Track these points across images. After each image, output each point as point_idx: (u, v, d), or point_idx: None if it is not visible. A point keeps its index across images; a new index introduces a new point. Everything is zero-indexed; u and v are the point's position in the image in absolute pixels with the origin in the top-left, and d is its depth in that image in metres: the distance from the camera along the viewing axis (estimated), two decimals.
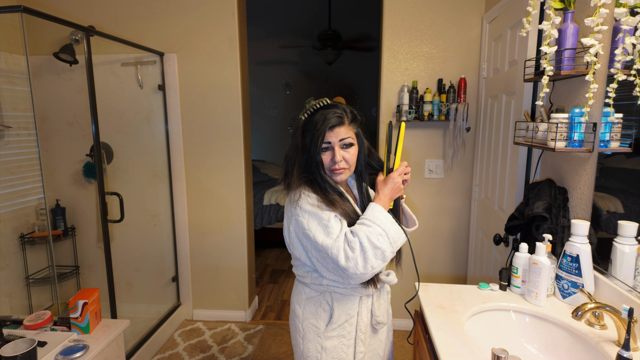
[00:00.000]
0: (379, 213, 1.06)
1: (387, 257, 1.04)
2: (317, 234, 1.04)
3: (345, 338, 1.16)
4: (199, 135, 2.67)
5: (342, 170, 1.11)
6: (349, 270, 1.02)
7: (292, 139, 1.13)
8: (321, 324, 1.16)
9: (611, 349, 0.96)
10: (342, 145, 1.09)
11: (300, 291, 1.21)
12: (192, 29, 2.56)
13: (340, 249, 1.02)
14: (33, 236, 2.52)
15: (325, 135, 1.07)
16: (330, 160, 1.10)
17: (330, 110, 1.09)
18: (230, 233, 2.76)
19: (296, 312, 1.21)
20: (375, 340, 1.25)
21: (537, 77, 1.35)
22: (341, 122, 1.08)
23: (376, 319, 1.22)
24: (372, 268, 1.03)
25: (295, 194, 1.09)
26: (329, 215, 1.06)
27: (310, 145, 1.08)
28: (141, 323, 2.50)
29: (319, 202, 1.08)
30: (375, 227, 1.04)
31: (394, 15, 2.41)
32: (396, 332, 2.66)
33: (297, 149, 1.11)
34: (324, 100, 1.11)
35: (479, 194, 2.35)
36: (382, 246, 1.02)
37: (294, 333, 1.22)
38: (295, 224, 1.09)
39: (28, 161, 2.50)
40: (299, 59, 5.97)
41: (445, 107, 2.35)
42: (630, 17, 1.00)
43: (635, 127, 1.09)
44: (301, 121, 1.12)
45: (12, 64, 2.43)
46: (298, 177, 1.10)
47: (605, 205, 1.20)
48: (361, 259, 1.01)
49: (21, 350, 1.23)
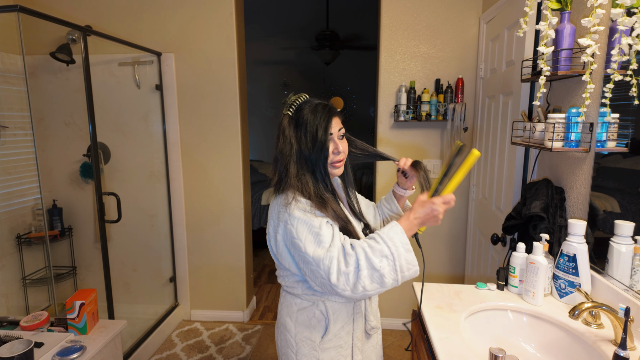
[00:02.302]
0: (396, 234, 0.93)
1: (386, 283, 0.91)
2: (307, 243, 0.94)
3: (342, 348, 1.10)
4: (197, 136, 2.66)
5: (342, 162, 1.06)
6: (339, 287, 0.91)
7: (280, 139, 1.04)
8: (316, 336, 1.07)
9: (608, 348, 0.97)
10: (339, 136, 1.05)
11: (290, 302, 1.11)
12: (190, 28, 2.55)
13: (334, 260, 0.91)
14: (30, 236, 2.51)
15: (331, 125, 1.01)
16: (332, 153, 1.03)
17: (319, 102, 1.04)
18: (228, 233, 2.75)
19: (287, 325, 1.11)
20: (369, 346, 1.20)
21: (534, 77, 1.36)
22: (336, 112, 1.05)
23: (370, 324, 1.16)
24: (364, 290, 0.91)
25: (287, 197, 1.00)
26: (320, 221, 0.96)
27: (315, 139, 0.99)
28: (139, 323, 2.50)
29: (309, 207, 0.98)
30: (382, 246, 0.92)
31: (391, 16, 2.41)
32: (394, 332, 2.67)
33: (290, 147, 1.01)
34: (304, 95, 1.06)
35: (477, 193, 2.35)
36: (383, 270, 0.90)
37: (285, 348, 1.12)
38: (284, 232, 0.99)
39: (25, 161, 2.48)
40: (297, 59, 5.97)
41: (443, 107, 2.36)
42: (626, 18, 1.00)
43: (631, 127, 1.09)
44: (287, 117, 1.03)
45: (9, 64, 2.42)
46: (295, 176, 1.01)
47: (602, 205, 1.21)
48: (353, 276, 0.90)
49: (18, 351, 1.22)
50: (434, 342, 1.02)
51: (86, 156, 2.62)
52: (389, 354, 2.42)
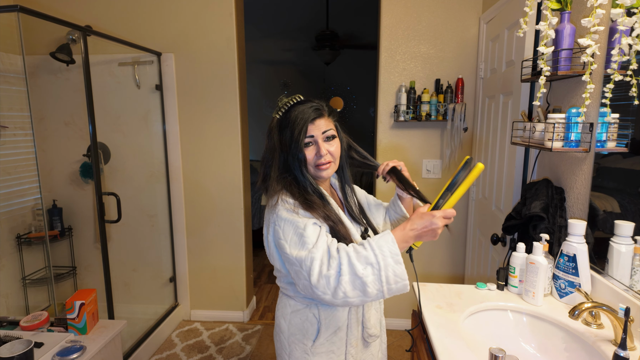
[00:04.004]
0: (386, 242, 0.88)
1: (369, 293, 0.86)
2: (291, 244, 0.92)
3: (334, 354, 1.07)
4: (197, 136, 2.66)
5: (328, 164, 1.03)
6: (319, 289, 0.87)
7: (267, 140, 1.04)
8: (308, 339, 1.05)
9: (608, 348, 0.97)
10: (324, 138, 1.02)
11: (285, 304, 1.10)
12: (190, 28, 2.55)
13: (315, 261, 0.88)
14: (30, 237, 2.51)
15: (307, 128, 1.00)
16: (315, 156, 1.02)
17: (306, 104, 1.02)
18: (228, 233, 2.75)
19: (281, 327, 1.10)
20: (367, 354, 1.15)
21: (534, 78, 1.36)
22: (321, 114, 1.02)
23: (367, 332, 1.12)
24: (345, 296, 0.86)
25: (273, 199, 0.99)
26: (305, 222, 0.93)
27: (291, 142, 0.99)
28: (139, 324, 2.49)
29: (295, 207, 0.97)
30: (368, 253, 0.87)
31: (391, 16, 2.41)
32: (394, 332, 2.66)
33: (274, 149, 1.02)
34: (298, 97, 1.04)
35: (477, 193, 2.35)
36: (365, 278, 0.85)
37: (279, 350, 1.12)
38: (273, 233, 0.98)
39: (25, 161, 2.48)
40: (297, 59, 5.97)
41: (443, 107, 2.36)
42: (626, 18, 1.00)
43: (631, 127, 1.09)
44: (276, 120, 1.03)
45: (9, 64, 2.42)
46: (276, 179, 1.01)
47: (602, 205, 1.21)
48: (334, 280, 0.86)
49: (18, 351, 1.22)
50: (434, 342, 1.02)
51: (86, 156, 2.62)
52: (389, 354, 2.42)
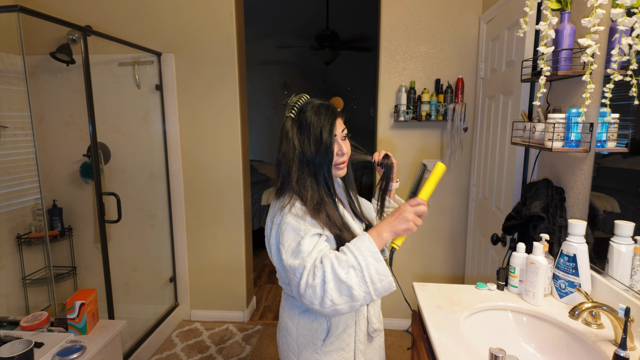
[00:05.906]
0: (363, 242, 0.89)
1: (356, 296, 0.86)
2: (287, 251, 0.93)
3: (344, 351, 1.08)
4: (197, 136, 2.66)
5: (345, 163, 1.04)
6: (306, 298, 0.87)
7: (284, 142, 1.02)
8: (318, 338, 1.06)
9: (608, 348, 0.97)
10: (342, 137, 1.04)
11: (292, 305, 1.09)
12: (190, 28, 2.55)
13: (305, 270, 0.88)
14: (30, 237, 2.51)
15: (335, 127, 0.99)
16: (336, 155, 1.02)
17: (321, 103, 1.03)
18: (228, 233, 2.75)
19: (288, 328, 1.10)
20: (371, 349, 1.18)
21: (534, 78, 1.36)
22: (339, 112, 1.03)
23: (372, 327, 1.15)
24: (333, 304, 0.85)
25: (284, 200, 0.99)
26: (306, 231, 0.93)
27: (319, 142, 0.98)
28: (139, 324, 2.49)
29: (304, 213, 0.97)
30: (348, 257, 0.87)
31: (391, 16, 2.41)
32: (393, 332, 2.67)
33: (294, 150, 1.00)
34: (305, 96, 1.05)
35: (477, 193, 2.35)
36: (350, 282, 0.85)
37: (286, 351, 1.11)
38: (276, 235, 0.98)
39: (25, 161, 2.49)
40: (297, 59, 5.97)
41: (443, 107, 2.36)
42: (626, 18, 1.00)
43: (631, 127, 1.09)
44: (290, 120, 1.02)
45: (9, 64, 2.42)
46: (297, 181, 0.99)
47: (602, 205, 1.21)
48: (320, 289, 0.85)
49: (18, 351, 1.22)
50: (434, 342, 1.02)
51: (86, 156, 2.62)
52: (389, 354, 2.42)
